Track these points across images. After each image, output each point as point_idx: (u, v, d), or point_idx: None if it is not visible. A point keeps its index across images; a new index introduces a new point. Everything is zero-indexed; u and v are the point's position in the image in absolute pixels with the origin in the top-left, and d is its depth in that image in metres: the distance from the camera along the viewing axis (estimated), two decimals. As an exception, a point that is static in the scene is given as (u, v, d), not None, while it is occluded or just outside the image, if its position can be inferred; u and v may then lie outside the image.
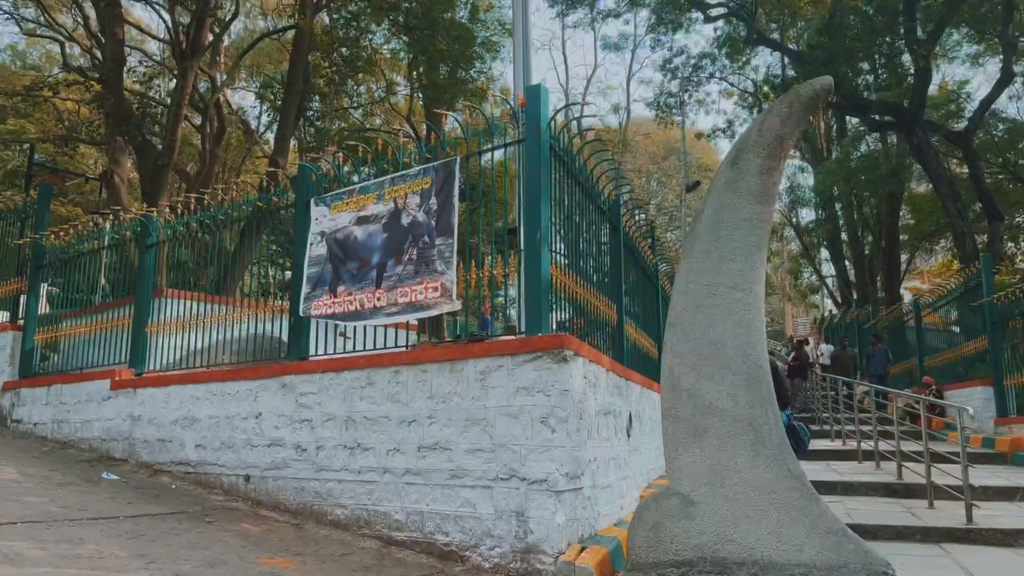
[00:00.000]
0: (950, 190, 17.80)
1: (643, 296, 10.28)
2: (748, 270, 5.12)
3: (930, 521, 6.96)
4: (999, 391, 12.19)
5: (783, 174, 5.40)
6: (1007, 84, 19.55)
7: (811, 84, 5.22)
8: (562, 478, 5.07)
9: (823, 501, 4.77)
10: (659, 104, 24.43)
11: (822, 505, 4.73)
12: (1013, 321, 12.20)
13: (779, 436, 4.87)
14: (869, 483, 8.85)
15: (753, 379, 4.95)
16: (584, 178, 6.98)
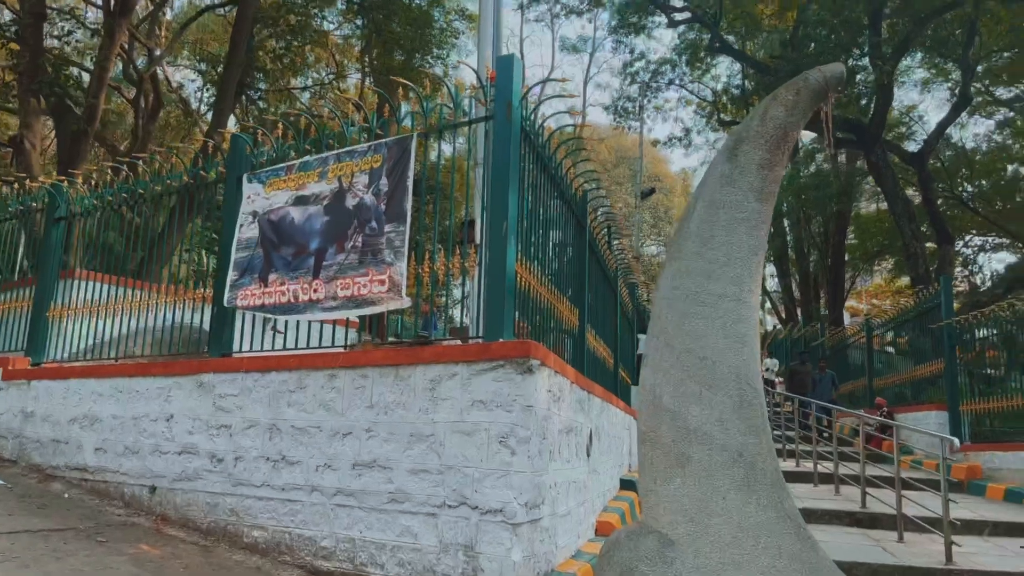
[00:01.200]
0: (905, 210, 17.72)
1: (603, 302, 9.66)
2: (745, 277, 4.48)
3: (906, 559, 6.47)
4: (954, 416, 11.94)
5: (784, 171, 4.80)
6: (963, 107, 19.66)
7: (821, 71, 4.61)
8: (520, 508, 4.36)
9: (822, 548, 4.15)
10: (617, 108, 24.01)
11: (821, 553, 4.11)
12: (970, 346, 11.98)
13: (774, 470, 4.24)
14: (832, 511, 8.38)
15: (746, 403, 4.31)
16: (554, 168, 6.30)
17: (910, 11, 16.65)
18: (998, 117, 27.14)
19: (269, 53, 18.61)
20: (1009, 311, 11.36)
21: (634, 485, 9.12)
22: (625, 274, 12.15)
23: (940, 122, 20.04)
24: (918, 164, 19.11)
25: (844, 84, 4.55)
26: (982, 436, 11.53)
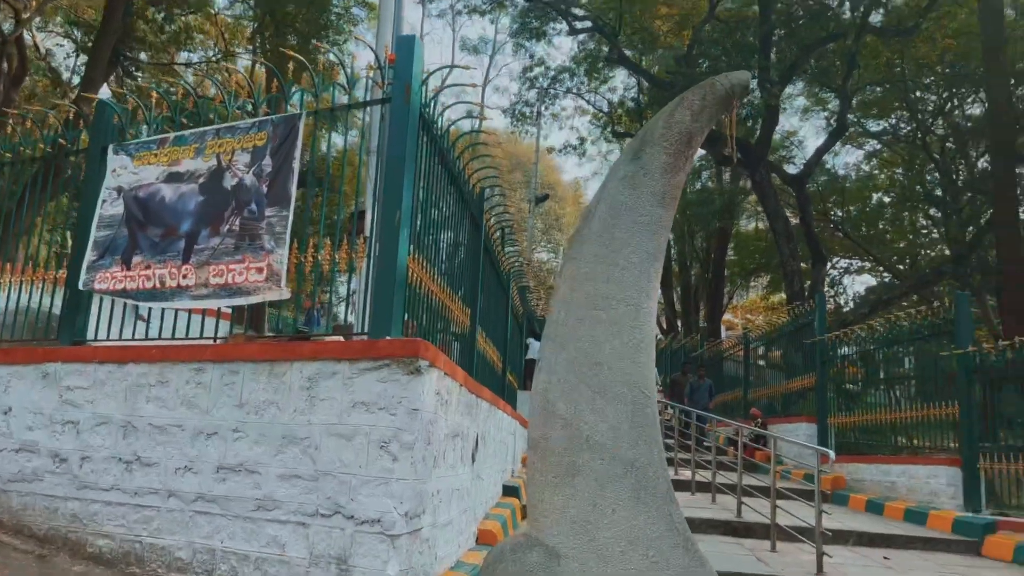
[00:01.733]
0: (785, 230, 18.49)
1: (495, 304, 9.47)
2: (643, 282, 4.36)
3: (778, 568, 6.57)
4: (822, 428, 12.45)
5: (686, 177, 4.73)
6: (841, 135, 20.72)
7: (728, 77, 4.56)
8: (400, 518, 4.07)
9: (709, 563, 4.07)
10: (515, 112, 24.01)
11: (708, 567, 4.02)
12: (837, 362, 12.52)
13: (664, 482, 4.13)
14: (708, 520, 8.47)
15: (639, 411, 4.18)
16: (452, 161, 6.04)
17: (797, 39, 17.43)
18: (867, 148, 28.93)
19: (150, 23, 17.43)
20: (868, 331, 11.93)
21: (517, 491, 8.97)
22: (518, 277, 12.03)
23: (819, 148, 21.08)
24: (797, 186, 20.01)
25: (747, 92, 4.52)
26: (846, 448, 12.06)
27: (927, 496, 9.46)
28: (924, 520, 8.95)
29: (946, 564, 7.37)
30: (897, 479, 10.11)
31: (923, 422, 10.28)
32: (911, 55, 20.20)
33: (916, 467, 9.82)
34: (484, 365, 8.32)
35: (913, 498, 9.71)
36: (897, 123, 26.01)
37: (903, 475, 10.00)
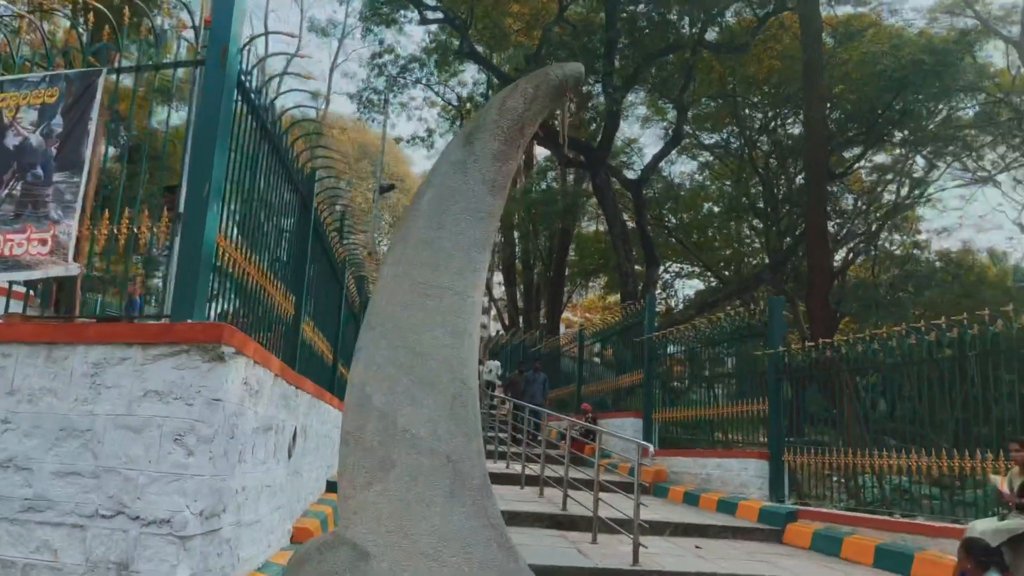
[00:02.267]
0: (621, 232, 19.15)
1: (328, 293, 9.08)
2: (469, 271, 4.24)
3: (597, 561, 6.68)
4: (647, 423, 12.95)
5: (518, 165, 4.64)
6: (677, 144, 21.74)
7: (562, 68, 4.52)
8: (194, 517, 3.71)
9: (522, 558, 4.00)
10: (362, 99, 23.39)
11: (521, 563, 3.95)
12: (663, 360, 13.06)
13: (481, 476, 4.02)
14: (535, 513, 8.54)
15: (459, 403, 4.05)
16: (277, 136, 5.66)
17: (640, 48, 18.10)
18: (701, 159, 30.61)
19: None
20: (692, 331, 12.53)
21: (342, 487, 8.64)
22: (355, 267, 11.65)
23: (656, 155, 22.05)
24: (635, 191, 20.81)
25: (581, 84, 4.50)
26: (668, 442, 12.65)
27: (738, 488, 10.03)
28: (734, 510, 9.46)
29: (751, 551, 7.80)
30: (712, 471, 10.66)
31: (738, 418, 10.91)
32: (741, 73, 21.52)
33: (729, 460, 10.40)
34: (311, 356, 7.94)
35: (726, 489, 10.26)
36: (728, 137, 27.69)
37: (718, 468, 10.56)
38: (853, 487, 9.33)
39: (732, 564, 6.94)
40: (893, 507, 8.60)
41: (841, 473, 9.31)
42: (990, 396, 7.32)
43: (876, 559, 7.30)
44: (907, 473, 8.33)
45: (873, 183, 28.24)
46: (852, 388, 9.11)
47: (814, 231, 16.68)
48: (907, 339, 8.08)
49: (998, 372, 7.21)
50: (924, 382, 8.14)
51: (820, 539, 8.08)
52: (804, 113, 18.41)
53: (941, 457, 7.58)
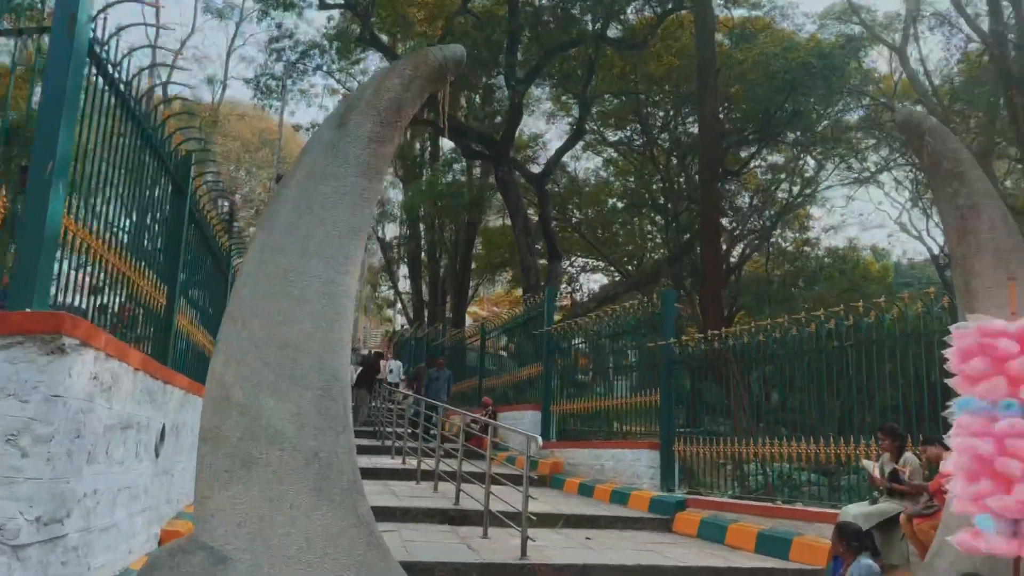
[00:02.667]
0: (524, 226, 19.18)
1: (210, 285, 8.67)
2: (341, 257, 4.06)
3: (486, 555, 6.59)
4: (546, 416, 12.98)
5: (396, 149, 4.48)
6: (579, 138, 21.93)
7: (442, 50, 4.39)
8: (28, 524, 3.39)
9: (392, 557, 3.85)
10: (260, 84, 22.56)
11: (391, 561, 3.81)
12: (561, 351, 13.11)
13: (351, 472, 3.86)
14: (427, 509, 8.39)
15: (329, 397, 3.87)
16: (144, 116, 5.29)
17: (542, 41, 18.13)
18: (605, 155, 31.07)
19: None
20: (588, 322, 12.59)
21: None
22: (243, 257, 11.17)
23: (559, 149, 22.19)
24: (538, 185, 20.87)
25: (462, 66, 4.37)
26: (567, 435, 12.71)
27: (631, 478, 10.15)
28: (627, 500, 9.57)
29: (640, 541, 7.88)
30: (607, 463, 10.77)
31: (633, 409, 11.05)
32: (643, 71, 21.90)
33: (623, 451, 10.52)
34: (189, 350, 7.55)
35: (619, 480, 10.37)
36: (632, 135, 28.22)
37: (612, 459, 10.67)
38: (740, 475, 9.59)
39: (619, 555, 6.98)
40: (776, 494, 8.88)
41: (729, 462, 9.55)
42: (873, 385, 7.60)
43: (758, 545, 7.50)
44: (791, 461, 8.60)
45: (768, 182, 29.31)
46: (740, 378, 9.34)
47: (707, 227, 17.14)
48: (789, 330, 8.33)
49: (872, 362, 7.50)
50: (808, 372, 8.42)
51: (706, 527, 8.25)
52: (699, 111, 18.87)
53: (821, 444, 7.83)
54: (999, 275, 4.65)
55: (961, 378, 4.08)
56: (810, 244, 33.03)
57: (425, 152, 32.80)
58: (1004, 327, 3.94)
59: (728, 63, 21.06)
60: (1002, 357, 3.86)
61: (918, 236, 32.37)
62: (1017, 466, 3.73)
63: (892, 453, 6.55)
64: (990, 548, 3.79)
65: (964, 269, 4.91)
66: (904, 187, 31.54)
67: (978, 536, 3.85)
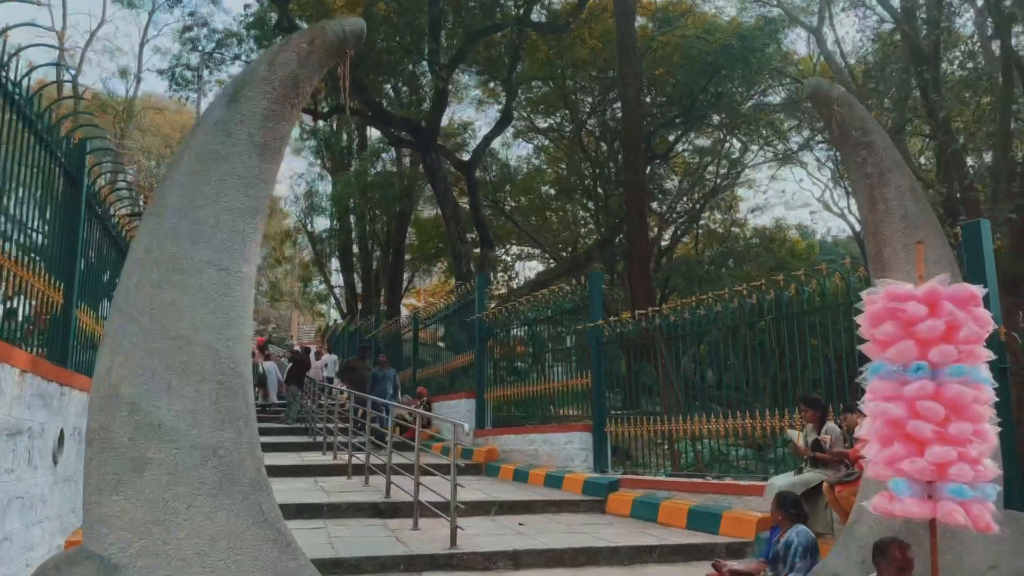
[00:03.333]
0: (454, 213, 18.95)
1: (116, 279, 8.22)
2: (236, 242, 3.84)
3: (414, 547, 6.44)
4: (480, 403, 12.85)
5: (293, 127, 4.26)
6: (507, 124, 21.77)
7: (341, 23, 4.19)
8: None
9: (303, 555, 3.67)
10: (175, 76, 21.70)
11: (302, 560, 3.63)
12: (494, 338, 12.99)
13: (255, 469, 3.66)
14: (357, 503, 8.17)
15: (227, 390, 3.66)
16: (24, 99, 4.93)
17: (465, 25, 17.89)
18: (536, 143, 31.05)
19: None
20: (520, 307, 12.45)
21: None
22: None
23: (486, 135, 21.98)
24: (467, 172, 20.66)
25: (361, 40, 4.17)
26: (502, 421, 12.60)
27: (564, 461, 10.12)
28: (561, 484, 9.53)
29: (573, 524, 7.84)
30: (540, 447, 10.72)
31: (566, 392, 11.00)
32: (568, 57, 21.86)
33: (555, 435, 10.48)
34: (94, 349, 7.16)
35: (553, 464, 10.33)
36: (561, 121, 28.25)
37: (545, 443, 10.63)
38: (673, 454, 9.65)
39: (551, 538, 6.91)
40: (708, 470, 8.95)
41: (664, 441, 9.61)
42: (798, 359, 7.67)
43: (689, 521, 7.54)
44: (723, 437, 8.67)
45: (695, 165, 29.72)
46: (668, 357, 9.38)
47: (632, 207, 17.15)
48: (714, 307, 8.39)
49: (794, 335, 7.58)
50: (734, 348, 8.51)
51: (639, 506, 8.27)
52: (620, 90, 18.81)
53: (749, 418, 7.89)
54: (908, 241, 4.71)
55: (873, 343, 4.10)
56: (738, 225, 33.69)
57: (353, 143, 32.21)
58: (912, 291, 3.96)
59: (651, 46, 21.19)
60: (911, 320, 3.89)
61: (840, 214, 33.32)
62: (928, 428, 3.77)
63: (815, 423, 6.64)
64: (905, 511, 3.82)
65: (875, 237, 4.96)
66: (826, 166, 32.38)
67: (893, 500, 3.88)
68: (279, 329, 53.33)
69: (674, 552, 6.74)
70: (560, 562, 6.42)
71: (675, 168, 29.62)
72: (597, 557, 6.56)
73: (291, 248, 40.74)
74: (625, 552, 6.63)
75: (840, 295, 7.10)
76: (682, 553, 6.76)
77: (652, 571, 6.31)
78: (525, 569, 6.26)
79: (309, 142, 33.55)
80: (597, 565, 6.48)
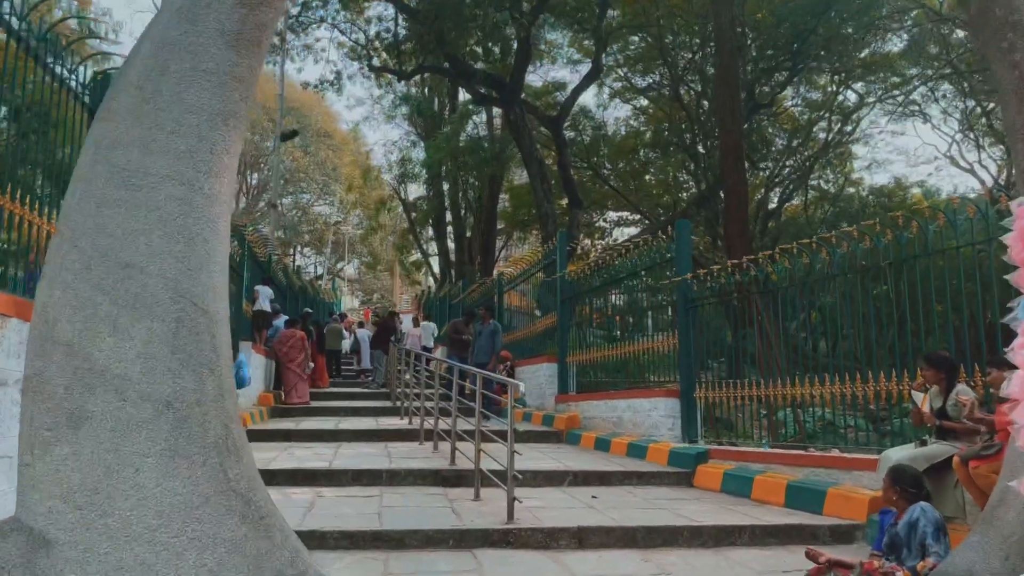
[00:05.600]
0: (539, 171, 18.08)
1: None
2: (203, 152, 3.16)
3: (469, 520, 5.76)
4: (562, 368, 12.07)
5: (277, 16, 3.54)
6: (596, 76, 20.64)
7: None
8: None
9: (282, 528, 3.00)
10: (262, 41, 21.54)
11: (276, 538, 2.95)
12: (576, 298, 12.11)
13: (221, 427, 3.00)
14: (419, 470, 7.58)
15: (187, 331, 3.01)
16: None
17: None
18: (635, 103, 29.68)
19: None
20: (604, 263, 11.41)
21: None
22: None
23: (575, 88, 20.91)
24: (554, 129, 19.70)
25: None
26: (586, 386, 11.76)
27: (649, 429, 9.22)
28: (644, 454, 8.66)
29: (654, 498, 6.98)
30: (623, 414, 9.84)
31: (652, 355, 10.06)
32: (664, 3, 20.48)
33: (639, 400, 9.55)
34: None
35: (637, 432, 9.45)
36: (660, 79, 26.82)
37: (628, 410, 9.73)
38: (770, 422, 8.60)
39: (624, 514, 6.09)
40: (813, 441, 7.88)
41: (760, 407, 8.57)
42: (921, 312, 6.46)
43: (788, 498, 6.54)
44: (831, 404, 7.57)
45: (805, 121, 27.67)
46: (768, 313, 8.30)
47: (728, 151, 15.68)
48: (819, 253, 7.26)
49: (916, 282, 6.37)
50: (844, 301, 7.36)
51: (730, 479, 7.31)
52: (713, 18, 17.20)
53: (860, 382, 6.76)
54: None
55: None
56: (853, 183, 31.40)
57: (445, 108, 31.71)
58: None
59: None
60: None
61: (969, 168, 30.52)
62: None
63: (940, 387, 5.51)
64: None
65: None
66: (952, 118, 29.63)
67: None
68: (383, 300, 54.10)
69: (768, 533, 5.79)
70: (631, 542, 5.60)
71: (782, 124, 27.67)
72: (676, 537, 5.69)
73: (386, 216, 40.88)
74: (709, 532, 5.73)
75: (974, 234, 5.85)
76: (777, 535, 5.79)
77: (739, 555, 5.39)
78: (590, 549, 5.47)
79: (401, 108, 33.38)
80: (675, 546, 5.61)
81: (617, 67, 27.56)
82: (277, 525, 2.99)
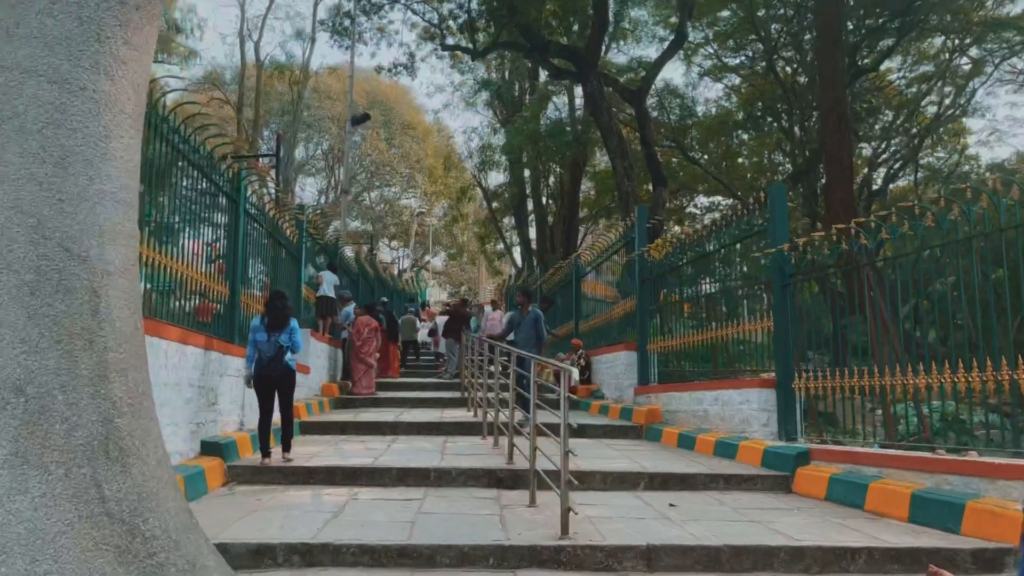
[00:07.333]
0: (619, 146, 16.89)
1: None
2: (88, 42, 2.33)
3: (515, 534, 4.80)
4: (642, 356, 10.92)
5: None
6: (680, 46, 19.29)
7: None
8: None
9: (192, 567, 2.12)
10: (334, 26, 21.21)
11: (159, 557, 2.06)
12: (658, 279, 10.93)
13: (97, 423, 2.14)
14: (471, 469, 6.67)
15: (55, 286, 2.16)
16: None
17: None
18: (726, 82, 28.00)
19: None
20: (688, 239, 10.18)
21: (221, 448, 6.93)
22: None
23: (658, 58, 19.57)
24: (636, 102, 18.42)
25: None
26: (668, 376, 10.58)
27: (740, 425, 8.01)
28: (734, 453, 7.49)
29: (744, 506, 5.85)
30: (710, 407, 8.65)
31: (743, 340, 8.82)
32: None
33: (728, 392, 8.33)
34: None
35: (725, 428, 8.26)
36: (753, 55, 25.18)
37: (715, 402, 8.54)
38: (885, 417, 7.29)
39: (707, 528, 5.00)
40: (937, 440, 6.54)
41: (870, 400, 7.27)
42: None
43: (912, 511, 5.30)
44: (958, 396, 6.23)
45: (914, 94, 25.40)
46: (880, 290, 6.98)
47: (829, 111, 14.07)
48: (945, 212, 5.92)
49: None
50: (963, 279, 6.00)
51: (838, 486, 6.09)
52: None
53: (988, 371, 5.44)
54: None
55: None
56: (968, 160, 28.81)
57: (525, 93, 30.78)
58: None
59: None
60: None
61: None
62: None
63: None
64: None
65: None
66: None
67: None
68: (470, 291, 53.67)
69: (890, 558, 4.61)
70: (715, 564, 4.53)
71: (889, 98, 25.46)
72: (771, 560, 4.58)
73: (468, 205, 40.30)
74: (813, 555, 4.59)
75: None
76: (901, 560, 4.60)
77: (854, 588, 4.24)
78: (660, 573, 4.43)
79: (481, 94, 32.63)
80: (770, 570, 4.51)
81: (706, 44, 26.01)
82: (180, 564, 2.10)
